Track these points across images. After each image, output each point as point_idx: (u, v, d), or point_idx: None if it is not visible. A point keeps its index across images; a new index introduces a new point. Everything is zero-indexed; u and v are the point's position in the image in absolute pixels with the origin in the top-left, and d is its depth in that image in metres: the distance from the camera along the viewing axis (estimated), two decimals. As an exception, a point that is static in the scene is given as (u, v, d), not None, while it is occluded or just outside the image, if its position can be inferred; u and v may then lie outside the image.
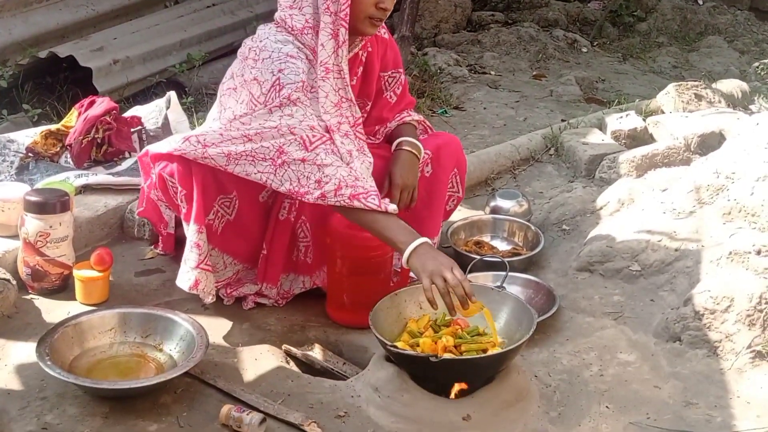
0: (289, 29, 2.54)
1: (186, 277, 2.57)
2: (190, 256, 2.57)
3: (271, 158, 2.44)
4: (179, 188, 2.57)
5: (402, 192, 2.73)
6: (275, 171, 2.44)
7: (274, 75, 2.45)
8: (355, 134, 2.63)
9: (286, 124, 2.43)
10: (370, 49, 2.77)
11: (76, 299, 2.69)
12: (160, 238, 2.96)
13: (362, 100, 2.84)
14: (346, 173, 2.43)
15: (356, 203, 2.40)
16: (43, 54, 4.33)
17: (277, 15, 2.59)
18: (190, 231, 2.56)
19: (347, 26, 2.52)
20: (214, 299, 2.68)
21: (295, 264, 2.78)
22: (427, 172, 2.88)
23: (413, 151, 2.79)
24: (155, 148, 2.67)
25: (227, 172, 2.51)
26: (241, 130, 2.46)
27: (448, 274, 2.25)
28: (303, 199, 2.46)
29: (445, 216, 3.00)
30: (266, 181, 2.46)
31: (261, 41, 2.53)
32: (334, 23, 2.49)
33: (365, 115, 2.87)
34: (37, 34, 4.46)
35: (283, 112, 2.44)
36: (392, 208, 2.42)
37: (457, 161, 2.94)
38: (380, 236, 2.42)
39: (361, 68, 2.77)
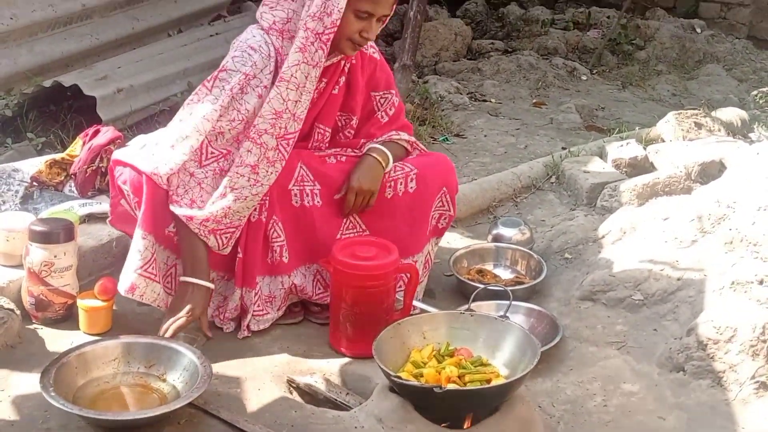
0: (261, 26, 2.66)
1: (123, 280, 2.61)
2: (130, 260, 2.61)
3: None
4: (132, 197, 2.61)
5: (357, 196, 2.76)
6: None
7: (226, 60, 2.61)
8: (277, 146, 2.61)
9: (195, 118, 2.58)
10: (353, 61, 2.80)
11: (79, 329, 2.70)
12: None
13: (346, 114, 2.86)
14: (219, 208, 2.57)
15: (211, 237, 2.61)
16: (47, 83, 4.35)
17: (256, 14, 2.71)
18: (135, 236, 2.61)
19: (326, 49, 2.57)
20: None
21: (270, 266, 2.77)
22: (411, 188, 2.85)
23: (378, 157, 2.80)
24: (119, 154, 2.69)
25: None
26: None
27: (169, 320, 2.56)
28: (170, 205, 2.58)
29: (438, 233, 2.98)
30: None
31: (241, 35, 2.69)
32: (306, 39, 2.54)
33: (351, 131, 2.89)
34: (42, 63, 4.48)
35: (205, 92, 2.60)
36: (226, 251, 2.67)
37: (446, 180, 2.91)
38: (186, 257, 2.64)
39: (344, 78, 2.80)
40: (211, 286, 2.65)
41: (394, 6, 2.66)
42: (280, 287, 2.79)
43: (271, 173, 2.62)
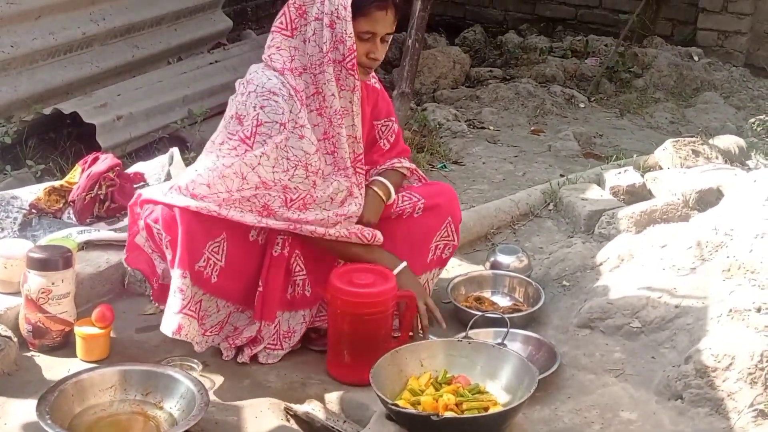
0: (273, 67, 2.66)
1: (169, 322, 2.57)
2: (173, 301, 2.57)
3: (257, 210, 2.60)
4: (164, 235, 2.58)
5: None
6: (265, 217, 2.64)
7: (255, 110, 2.58)
8: (354, 170, 2.75)
9: (265, 178, 2.58)
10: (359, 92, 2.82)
11: (76, 356, 2.69)
12: (152, 290, 2.94)
13: None
14: (332, 213, 2.69)
15: (354, 238, 2.72)
16: (47, 110, 4.37)
17: (263, 56, 2.71)
18: (174, 276, 2.57)
19: (354, 73, 2.63)
20: (203, 349, 2.69)
21: (291, 301, 2.78)
22: (417, 214, 2.90)
23: (379, 191, 2.84)
24: (147, 193, 2.69)
25: (213, 217, 2.56)
26: (225, 175, 2.55)
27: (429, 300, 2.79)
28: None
29: (441, 264, 3.00)
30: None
31: (250, 75, 2.67)
32: (336, 71, 2.63)
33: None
34: (42, 91, 4.50)
35: (260, 151, 2.57)
36: (379, 237, 2.77)
37: (451, 210, 2.96)
38: (364, 260, 2.75)
39: None
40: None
41: (395, 24, 2.69)
42: (302, 321, 2.81)
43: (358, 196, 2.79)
